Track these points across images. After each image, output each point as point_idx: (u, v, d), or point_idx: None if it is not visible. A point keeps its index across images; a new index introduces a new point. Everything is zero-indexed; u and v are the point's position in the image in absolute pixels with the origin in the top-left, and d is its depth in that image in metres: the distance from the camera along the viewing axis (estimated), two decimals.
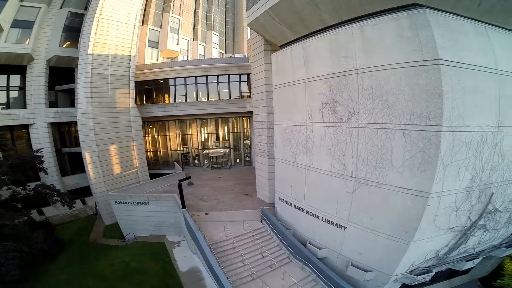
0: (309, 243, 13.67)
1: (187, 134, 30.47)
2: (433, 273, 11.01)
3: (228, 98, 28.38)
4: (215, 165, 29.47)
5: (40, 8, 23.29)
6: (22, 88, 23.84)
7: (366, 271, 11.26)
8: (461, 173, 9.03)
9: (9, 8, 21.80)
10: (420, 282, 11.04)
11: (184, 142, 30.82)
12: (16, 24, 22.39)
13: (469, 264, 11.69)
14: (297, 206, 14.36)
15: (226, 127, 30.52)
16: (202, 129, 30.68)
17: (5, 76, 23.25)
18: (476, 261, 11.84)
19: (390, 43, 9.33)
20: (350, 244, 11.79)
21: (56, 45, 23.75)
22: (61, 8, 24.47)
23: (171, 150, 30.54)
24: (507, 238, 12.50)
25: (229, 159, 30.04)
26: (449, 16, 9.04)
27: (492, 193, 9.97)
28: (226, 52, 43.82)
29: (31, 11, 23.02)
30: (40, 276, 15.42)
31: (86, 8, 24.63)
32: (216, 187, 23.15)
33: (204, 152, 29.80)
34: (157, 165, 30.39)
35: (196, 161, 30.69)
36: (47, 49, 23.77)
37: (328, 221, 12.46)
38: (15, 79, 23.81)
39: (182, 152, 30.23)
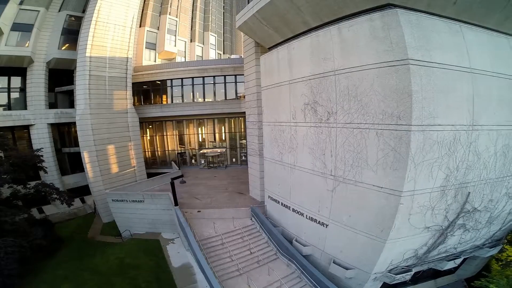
0: (295, 240, 14.15)
1: (184, 134, 31.03)
2: (412, 272, 11.18)
3: (224, 98, 28.89)
4: (211, 165, 30.00)
5: (39, 11, 23.85)
6: (22, 90, 24.47)
7: (347, 268, 11.59)
8: (434, 172, 9.23)
9: (8, 12, 22.37)
10: (400, 281, 11.21)
11: (181, 142, 31.39)
12: (16, 27, 22.95)
13: (450, 264, 11.80)
14: (284, 204, 14.84)
15: (222, 127, 31.04)
16: (199, 129, 31.23)
17: (6, 78, 23.86)
18: (458, 261, 11.99)
19: (365, 44, 9.64)
20: (332, 242, 12.20)
21: (55, 47, 24.36)
22: (59, 11, 25.00)
23: (168, 150, 31.13)
24: (490, 238, 12.69)
25: (225, 159, 30.55)
26: (422, 15, 9.20)
27: (469, 193, 10.20)
28: (224, 53, 44.32)
29: (30, 14, 23.57)
30: (38, 272, 16.03)
31: (84, 11, 25.11)
32: (211, 186, 23.67)
33: (201, 152, 30.32)
34: (155, 165, 30.99)
35: (193, 161, 31.24)
36: (47, 51, 24.37)
37: (311, 219, 12.93)
38: (16, 81, 24.43)
39: (178, 152, 30.78)
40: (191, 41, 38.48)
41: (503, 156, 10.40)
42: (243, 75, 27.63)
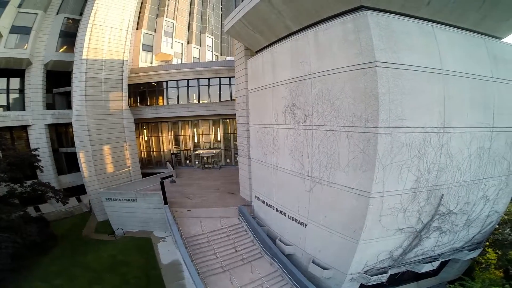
0: (279, 239, 14.54)
1: (179, 135, 31.53)
2: (388, 274, 11.18)
3: (218, 100, 29.34)
4: (206, 165, 30.45)
5: (37, 14, 24.42)
6: (21, 91, 25.07)
7: (325, 268, 11.80)
8: (404, 174, 9.40)
9: (7, 15, 22.94)
10: (375, 282, 11.22)
11: (176, 143, 31.90)
12: (14, 30, 23.53)
13: (427, 267, 11.81)
14: (269, 204, 15.27)
15: (217, 129, 31.52)
16: (194, 130, 31.72)
17: (5, 79, 24.45)
18: (435, 263, 11.98)
19: (338, 47, 9.88)
20: (311, 242, 12.50)
21: (52, 50, 24.97)
22: (57, 14, 25.58)
23: (164, 151, 31.65)
24: (469, 241, 12.79)
25: (219, 160, 31.00)
26: (393, 17, 9.25)
27: (442, 195, 10.38)
28: (221, 55, 44.83)
29: (28, 17, 24.11)
30: (32, 268, 16.53)
31: (81, 14, 25.67)
32: (203, 186, 24.13)
33: (196, 152, 30.80)
34: (150, 165, 31.50)
35: (188, 161, 31.73)
36: (44, 53, 24.95)
37: (293, 219, 13.32)
38: (15, 82, 25.03)
39: (173, 152, 31.30)
40: (188, 43, 39.02)
41: (478, 158, 10.61)
42: None
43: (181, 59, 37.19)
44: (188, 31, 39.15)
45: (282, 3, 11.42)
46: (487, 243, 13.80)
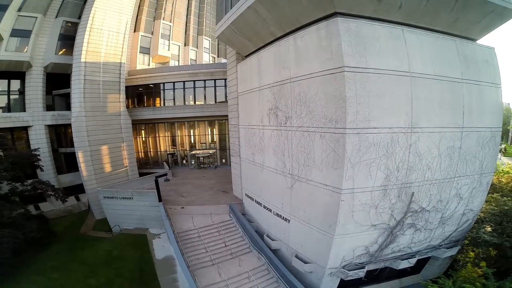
0: (266, 235, 15.24)
1: (176, 136, 32.28)
2: (365, 269, 11.64)
3: (214, 102, 30.03)
4: (202, 165, 31.16)
5: (36, 17, 25.10)
6: (21, 93, 25.82)
7: (306, 262, 12.38)
8: (373, 172, 10.00)
9: (8, 18, 23.60)
10: (353, 277, 11.64)
11: (173, 143, 32.65)
12: (15, 33, 24.24)
13: (404, 263, 12.14)
14: (257, 201, 15.98)
15: (212, 129, 32.25)
16: (190, 131, 32.46)
17: (6, 81, 25.21)
18: (412, 260, 12.30)
19: (313, 53, 10.50)
20: (294, 237, 13.15)
21: (52, 52, 25.70)
22: (56, 17, 26.27)
23: (160, 151, 32.40)
24: (446, 239, 13.25)
25: (215, 160, 31.71)
26: (364, 22, 9.69)
27: (413, 192, 10.92)
28: (218, 56, 45.53)
29: (28, 20, 24.81)
30: (31, 263, 17.24)
31: (80, 17, 26.32)
32: (198, 185, 24.83)
33: (192, 152, 31.52)
34: (147, 165, 32.21)
35: (184, 161, 32.47)
36: (44, 56, 25.68)
37: (278, 215, 14.02)
38: (15, 84, 25.80)
39: (169, 152, 32.05)
40: (185, 45, 39.78)
41: (448, 157, 11.17)
42: None
43: (178, 61, 37.93)
44: (185, 33, 39.90)
45: (266, 11, 12.13)
46: (466, 241, 14.09)
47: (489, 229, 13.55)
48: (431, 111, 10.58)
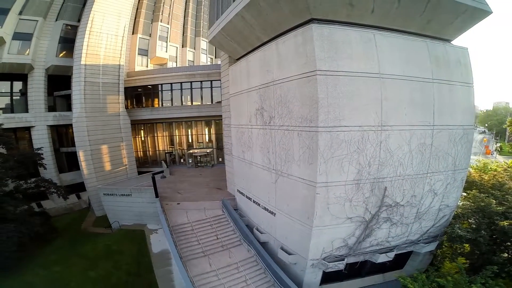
0: (256, 228, 16.12)
1: (173, 136, 33.21)
2: (344, 262, 12.23)
3: (211, 102, 30.87)
4: (199, 164, 32.08)
5: (37, 21, 25.87)
6: (24, 94, 26.74)
7: (290, 254, 13.13)
8: (345, 167, 10.75)
9: (9, 22, 24.36)
10: (333, 269, 12.24)
11: (171, 142, 33.58)
12: (16, 36, 25.04)
13: (382, 257, 12.67)
14: (248, 196, 16.88)
15: (209, 129, 33.16)
16: (188, 130, 33.39)
17: (9, 83, 26.09)
18: (390, 254, 12.81)
19: (292, 57, 11.29)
20: (280, 229, 13.96)
21: (53, 55, 26.58)
22: (56, 20, 27.08)
23: (159, 150, 33.35)
24: (424, 234, 13.71)
25: (212, 159, 32.61)
26: (336, 28, 10.31)
27: (386, 187, 11.61)
28: (215, 57, 46.33)
29: (29, 24, 25.57)
30: (33, 257, 18.17)
31: (79, 20, 27.12)
32: (194, 182, 25.76)
33: (189, 151, 32.44)
34: (146, 164, 33.08)
35: (182, 160, 33.39)
36: (45, 59, 26.53)
37: (265, 208, 14.88)
38: (18, 86, 26.68)
39: (167, 151, 32.99)
40: (182, 47, 40.64)
41: (419, 154, 11.84)
42: None
43: (176, 62, 38.80)
44: (183, 34, 40.76)
45: (252, 18, 12.94)
46: (445, 237, 14.36)
47: (466, 225, 13.94)
48: (400, 110, 11.22)
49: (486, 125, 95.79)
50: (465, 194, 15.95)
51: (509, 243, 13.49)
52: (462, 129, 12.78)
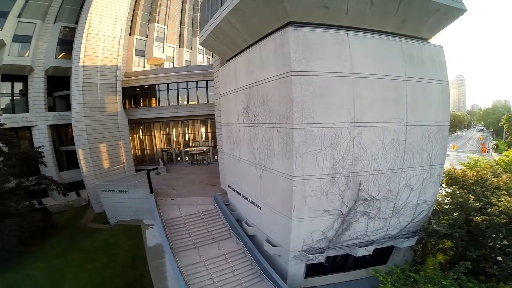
0: (245, 222, 16.87)
1: (170, 134, 34.03)
2: (325, 254, 12.70)
3: (206, 102, 31.61)
4: (195, 162, 32.88)
5: (36, 23, 26.66)
6: (24, 95, 27.60)
7: (275, 246, 13.74)
8: (320, 161, 11.36)
9: (9, 24, 25.19)
10: (313, 261, 12.74)
11: (168, 141, 34.42)
12: (16, 38, 25.89)
13: (361, 251, 13.05)
14: (237, 191, 17.65)
15: (205, 128, 33.96)
16: (184, 129, 34.21)
17: (10, 84, 26.95)
18: (369, 248, 13.16)
19: (272, 59, 11.96)
20: (265, 222, 14.67)
21: (52, 57, 27.42)
22: (54, 22, 27.85)
23: (156, 149, 34.19)
24: (403, 229, 14.01)
25: (208, 156, 33.38)
26: (311, 30, 10.83)
27: (360, 181, 12.17)
28: (212, 57, 46.87)
29: (28, 26, 26.37)
30: (34, 251, 19.01)
31: (77, 22, 27.84)
32: (190, 179, 26.58)
33: (186, 150, 33.24)
34: (144, 162, 33.90)
35: (179, 158, 34.22)
36: (45, 60, 27.40)
37: (252, 202, 15.62)
38: (19, 87, 27.55)
39: (165, 150, 33.84)
40: (179, 47, 41.37)
41: (393, 149, 12.35)
42: None
43: (173, 62, 39.55)
44: (180, 35, 41.47)
45: (237, 22, 13.64)
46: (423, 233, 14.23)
47: (444, 221, 13.91)
48: (373, 107, 11.75)
49: (482, 123, 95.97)
50: (450, 190, 16.15)
51: (486, 240, 13.23)
52: (437, 125, 13.21)
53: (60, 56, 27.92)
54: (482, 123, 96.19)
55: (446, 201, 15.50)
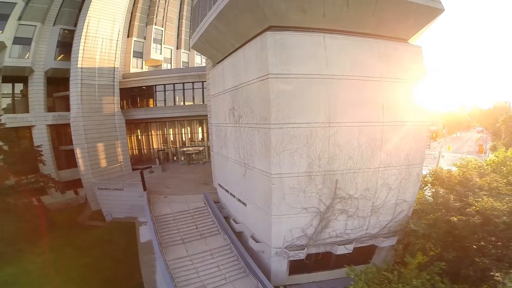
0: (233, 219, 17.47)
1: (167, 134, 34.76)
2: (305, 251, 12.96)
3: (202, 102, 32.24)
4: (191, 161, 33.54)
5: (36, 26, 27.46)
6: (25, 95, 28.43)
7: (258, 242, 14.24)
8: (296, 160, 11.76)
9: (9, 27, 25.99)
10: (294, 258, 13.05)
11: (164, 141, 35.17)
12: (16, 41, 26.67)
13: (341, 249, 13.28)
14: (226, 189, 18.28)
15: (201, 128, 34.65)
16: (182, 129, 34.94)
17: (11, 85, 27.80)
18: (349, 246, 13.37)
19: (254, 62, 12.48)
20: (250, 219, 15.22)
21: (51, 58, 28.20)
22: (54, 25, 28.64)
23: (153, 148, 34.95)
24: (384, 228, 14.11)
25: (203, 156, 34.02)
26: (289, 34, 11.19)
27: (337, 180, 12.54)
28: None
29: (28, 29, 27.15)
30: (31, 247, 19.61)
31: (75, 25, 28.54)
32: (184, 178, 27.21)
33: (182, 149, 33.94)
34: (141, 162, 34.53)
35: (175, 158, 34.93)
36: (44, 62, 28.16)
37: (239, 200, 16.22)
38: (19, 87, 28.41)
39: (160, 149, 34.57)
40: (177, 48, 42.13)
41: (369, 149, 12.63)
42: None
43: (171, 63, 40.29)
44: (177, 37, 42.23)
45: (223, 26, 14.25)
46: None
47: (425, 220, 13.82)
48: (349, 107, 12.11)
49: (479, 124, 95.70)
50: (434, 190, 16.41)
51: (464, 240, 13.12)
52: (414, 125, 13.48)
53: (59, 58, 28.67)
54: (479, 124, 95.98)
55: (429, 201, 15.58)
